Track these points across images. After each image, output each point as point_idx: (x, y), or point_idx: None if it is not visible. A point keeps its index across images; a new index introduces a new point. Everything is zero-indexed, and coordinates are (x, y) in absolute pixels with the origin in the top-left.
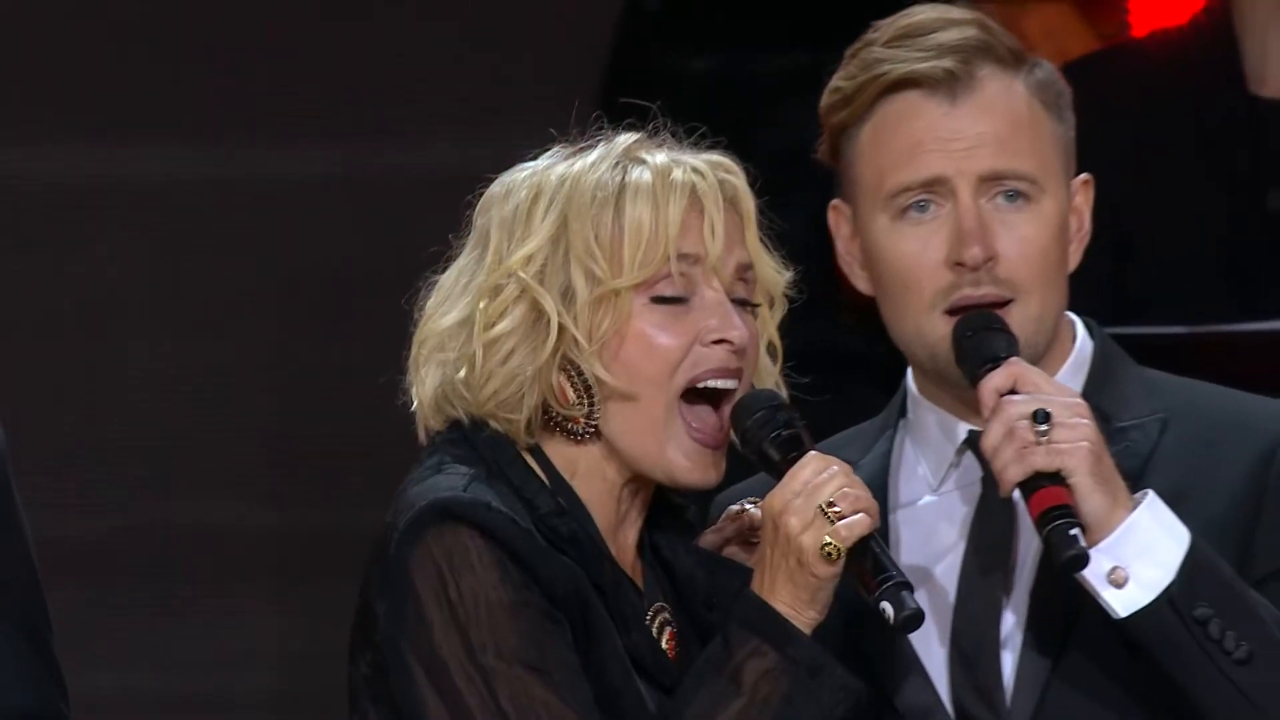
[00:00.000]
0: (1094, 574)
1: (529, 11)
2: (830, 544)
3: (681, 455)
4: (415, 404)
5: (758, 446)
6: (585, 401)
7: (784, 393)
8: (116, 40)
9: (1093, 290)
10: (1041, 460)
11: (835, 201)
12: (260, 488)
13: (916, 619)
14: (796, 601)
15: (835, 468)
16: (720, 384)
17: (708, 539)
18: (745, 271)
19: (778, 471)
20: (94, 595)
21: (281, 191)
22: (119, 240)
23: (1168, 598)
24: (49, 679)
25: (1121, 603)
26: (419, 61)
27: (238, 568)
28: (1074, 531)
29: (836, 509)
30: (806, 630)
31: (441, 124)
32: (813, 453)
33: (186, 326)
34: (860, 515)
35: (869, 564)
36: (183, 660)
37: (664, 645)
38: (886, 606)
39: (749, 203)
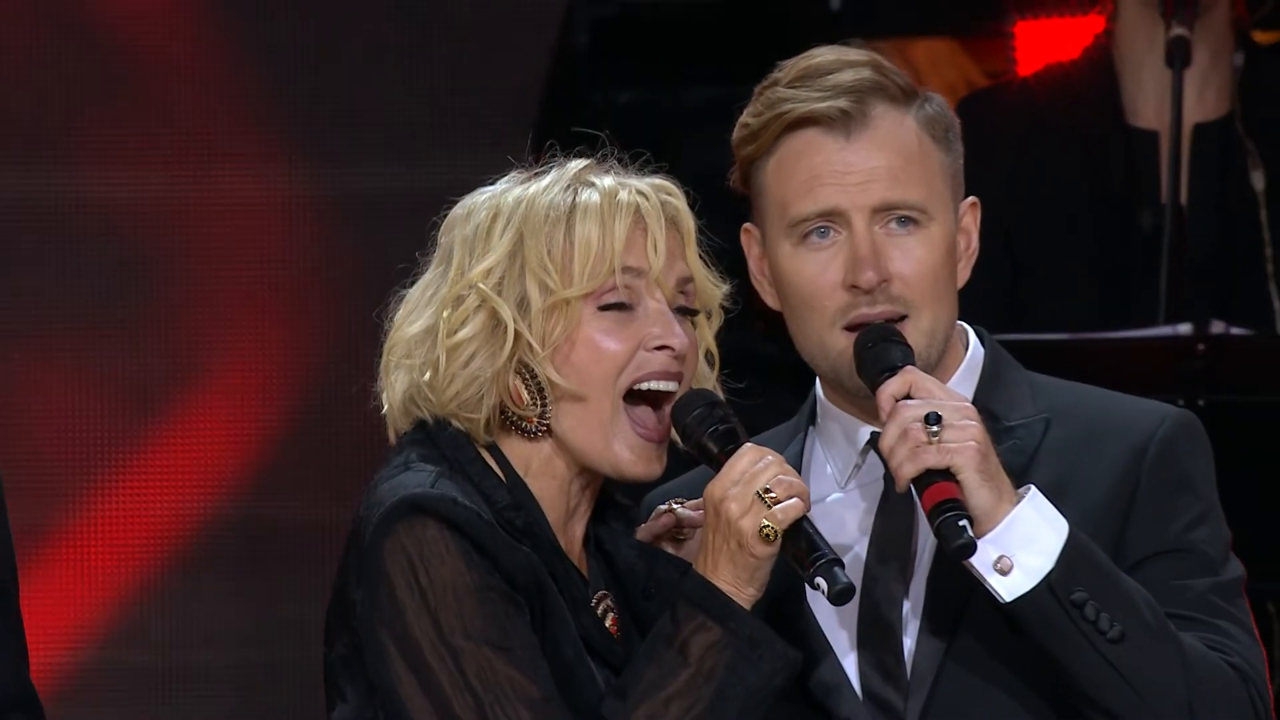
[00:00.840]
0: (981, 562)
1: (476, 52)
2: (768, 526)
3: (627, 450)
4: (386, 407)
5: (697, 440)
6: (538, 402)
7: (721, 395)
8: (99, 75)
9: (989, 301)
10: (933, 458)
11: (747, 225)
12: (231, 483)
13: (849, 592)
14: (737, 580)
15: (770, 457)
16: (661, 386)
17: (640, 535)
18: (686, 284)
19: (716, 463)
20: (75, 578)
21: (256, 211)
22: (103, 257)
23: (1048, 584)
24: (21, 656)
25: (1006, 588)
26: (379, 97)
27: (207, 554)
28: (963, 522)
29: (773, 494)
30: (747, 606)
31: (407, 151)
32: (748, 444)
33: (169, 336)
34: (794, 500)
35: (803, 544)
36: (158, 637)
37: (608, 628)
38: (821, 582)
39: (689, 222)
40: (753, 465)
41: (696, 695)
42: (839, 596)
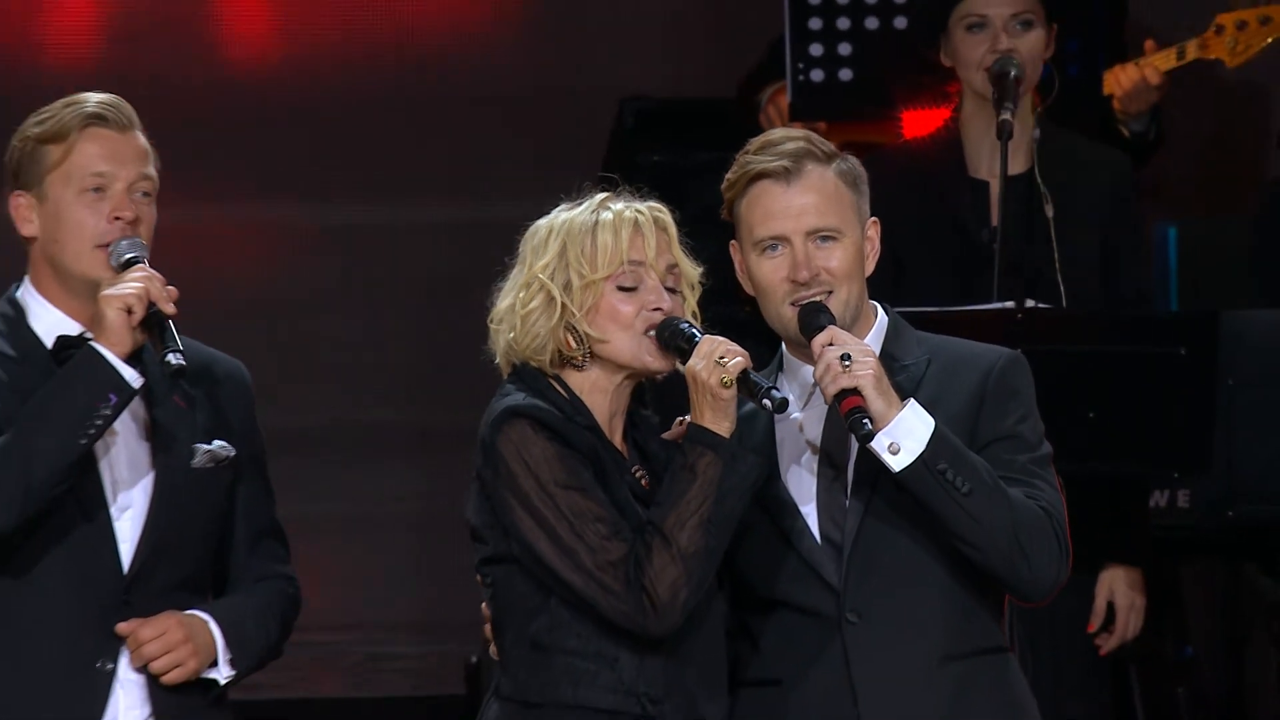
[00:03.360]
0: (879, 446)
1: (558, 126)
2: (726, 378)
3: (647, 354)
4: (497, 359)
5: (675, 344)
6: (581, 346)
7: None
8: (258, 119)
9: (881, 287)
10: (845, 381)
11: (733, 242)
12: (406, 398)
13: (785, 402)
14: (716, 419)
15: (720, 338)
16: None
17: (666, 434)
18: (673, 269)
19: (688, 353)
20: (302, 465)
21: (416, 234)
22: (315, 260)
23: (922, 460)
24: (272, 501)
25: (897, 463)
26: (495, 153)
27: (390, 445)
28: (865, 420)
29: (724, 359)
30: (726, 435)
31: (506, 192)
32: (706, 336)
33: (367, 317)
34: (739, 358)
35: (751, 383)
36: (358, 497)
37: (643, 485)
38: (766, 402)
39: (673, 227)
40: (710, 344)
41: (706, 495)
42: (780, 406)
